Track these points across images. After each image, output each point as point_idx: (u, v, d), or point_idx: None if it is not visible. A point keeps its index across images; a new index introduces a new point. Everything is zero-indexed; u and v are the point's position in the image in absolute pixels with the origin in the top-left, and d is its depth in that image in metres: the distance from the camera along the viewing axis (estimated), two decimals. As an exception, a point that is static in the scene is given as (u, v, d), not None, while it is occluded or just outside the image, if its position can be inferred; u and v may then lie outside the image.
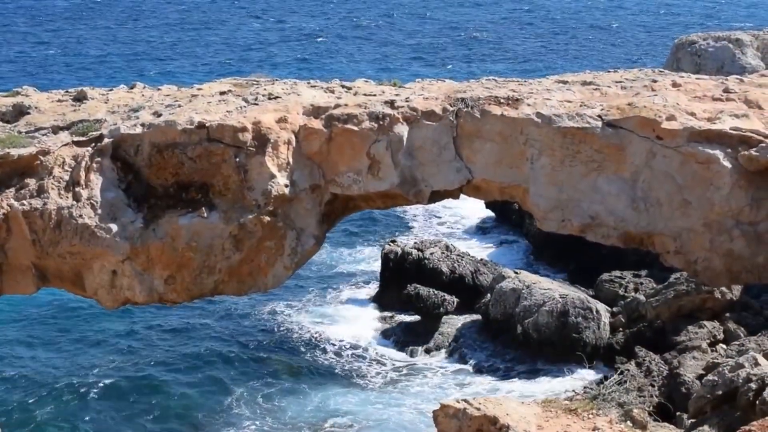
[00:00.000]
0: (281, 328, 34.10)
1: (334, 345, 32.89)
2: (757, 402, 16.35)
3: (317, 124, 12.63)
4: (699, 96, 12.68)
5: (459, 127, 12.49)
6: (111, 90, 14.68)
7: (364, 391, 29.78)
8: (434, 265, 35.36)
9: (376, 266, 37.60)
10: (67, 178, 12.39)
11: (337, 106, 12.83)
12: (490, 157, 12.48)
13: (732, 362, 19.17)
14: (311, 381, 30.35)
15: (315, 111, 12.81)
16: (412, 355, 32.18)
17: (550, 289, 32.22)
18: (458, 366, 31.38)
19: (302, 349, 32.54)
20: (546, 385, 29.33)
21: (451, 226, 44.67)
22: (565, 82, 13.58)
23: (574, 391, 27.76)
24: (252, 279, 12.85)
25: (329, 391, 29.69)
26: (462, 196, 13.20)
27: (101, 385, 29.89)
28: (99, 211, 12.34)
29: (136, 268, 12.52)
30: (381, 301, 35.92)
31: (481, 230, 43.91)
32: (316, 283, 37.86)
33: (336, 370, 31.10)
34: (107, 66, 73.17)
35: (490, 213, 44.15)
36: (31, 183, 12.40)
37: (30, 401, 28.82)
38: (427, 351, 32.37)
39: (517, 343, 31.61)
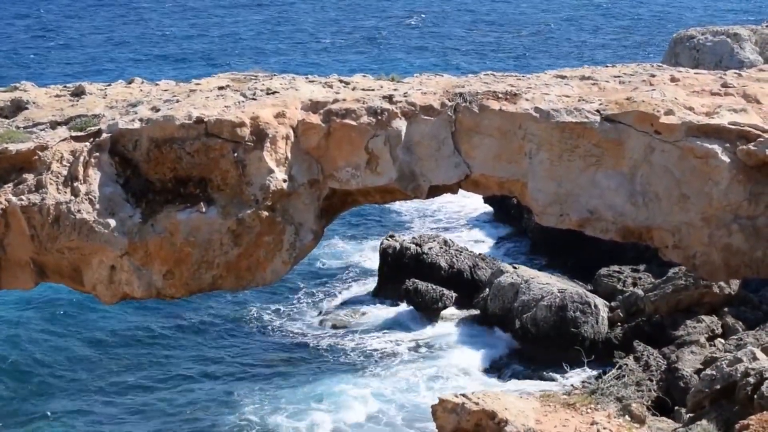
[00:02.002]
0: (279, 323, 34.14)
1: (331, 340, 32.93)
2: (755, 396, 16.39)
3: (315, 119, 12.61)
4: (697, 90, 12.68)
5: (457, 122, 12.49)
6: (109, 85, 14.66)
7: (360, 385, 29.82)
8: (433, 260, 35.39)
9: (375, 261, 37.63)
10: (65, 173, 12.37)
11: (335, 101, 12.81)
12: (489, 152, 12.48)
13: (730, 357, 19.21)
14: (306, 376, 30.40)
15: (313, 106, 12.79)
16: (410, 349, 32.21)
17: (548, 283, 32.27)
18: (457, 360, 31.43)
19: (300, 344, 32.58)
20: (544, 380, 29.40)
21: (450, 221, 44.71)
22: (563, 77, 13.58)
23: (572, 385, 27.82)
24: (250, 274, 12.85)
25: (323, 386, 29.73)
26: (461, 190, 13.21)
27: (98, 380, 29.89)
28: (97, 206, 12.32)
29: (134, 263, 12.51)
30: (379, 295, 35.96)
31: (480, 225, 43.95)
32: (314, 277, 37.91)
33: (332, 365, 31.15)
34: (106, 61, 73.08)
35: (488, 208, 44.19)
36: (30, 178, 12.38)
37: (23, 402, 28.77)
38: (426, 346, 32.41)
39: (515, 338, 31.67)
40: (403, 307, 34.74)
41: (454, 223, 44.54)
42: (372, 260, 38.48)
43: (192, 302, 33.60)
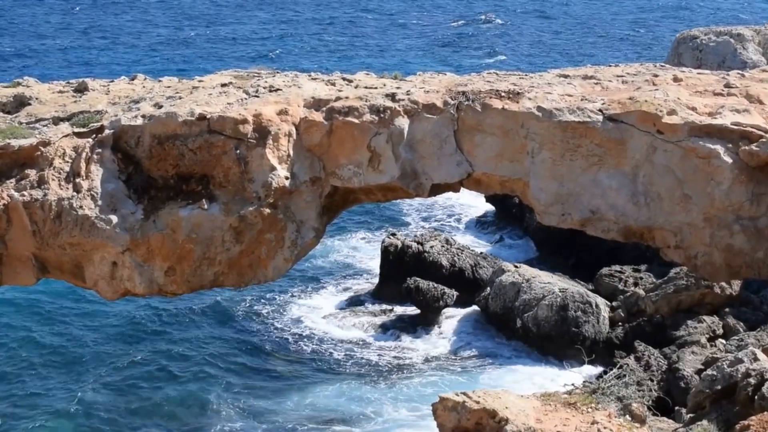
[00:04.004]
0: (279, 322, 34.08)
1: (331, 339, 32.88)
2: (756, 397, 16.35)
3: (318, 116, 12.62)
4: (700, 91, 12.67)
5: (460, 120, 12.49)
6: (112, 81, 14.68)
7: (360, 384, 29.78)
8: (434, 259, 35.36)
9: (376, 259, 37.60)
10: (67, 169, 12.39)
11: (338, 98, 12.82)
12: (491, 151, 12.48)
13: (731, 357, 19.17)
14: (308, 375, 30.31)
15: (316, 103, 12.80)
16: (410, 349, 32.20)
17: (549, 283, 32.25)
18: (457, 359, 31.42)
19: (300, 343, 32.51)
20: (545, 379, 29.37)
21: (451, 220, 44.67)
22: (566, 76, 13.57)
23: (573, 384, 27.69)
24: (252, 271, 12.86)
25: (325, 385, 29.65)
26: (462, 189, 13.21)
27: (93, 382, 29.54)
28: (99, 203, 12.34)
29: (136, 260, 12.53)
30: (380, 294, 35.92)
31: (481, 224, 43.92)
32: (315, 276, 37.86)
33: (333, 364, 31.09)
34: (108, 57, 73.03)
35: (490, 207, 44.15)
36: (32, 174, 12.40)
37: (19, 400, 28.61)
38: (426, 344, 32.41)
39: (516, 337, 31.66)
40: (405, 305, 34.72)
41: (455, 221, 44.51)
42: (373, 258, 38.45)
43: (187, 301, 33.45)
